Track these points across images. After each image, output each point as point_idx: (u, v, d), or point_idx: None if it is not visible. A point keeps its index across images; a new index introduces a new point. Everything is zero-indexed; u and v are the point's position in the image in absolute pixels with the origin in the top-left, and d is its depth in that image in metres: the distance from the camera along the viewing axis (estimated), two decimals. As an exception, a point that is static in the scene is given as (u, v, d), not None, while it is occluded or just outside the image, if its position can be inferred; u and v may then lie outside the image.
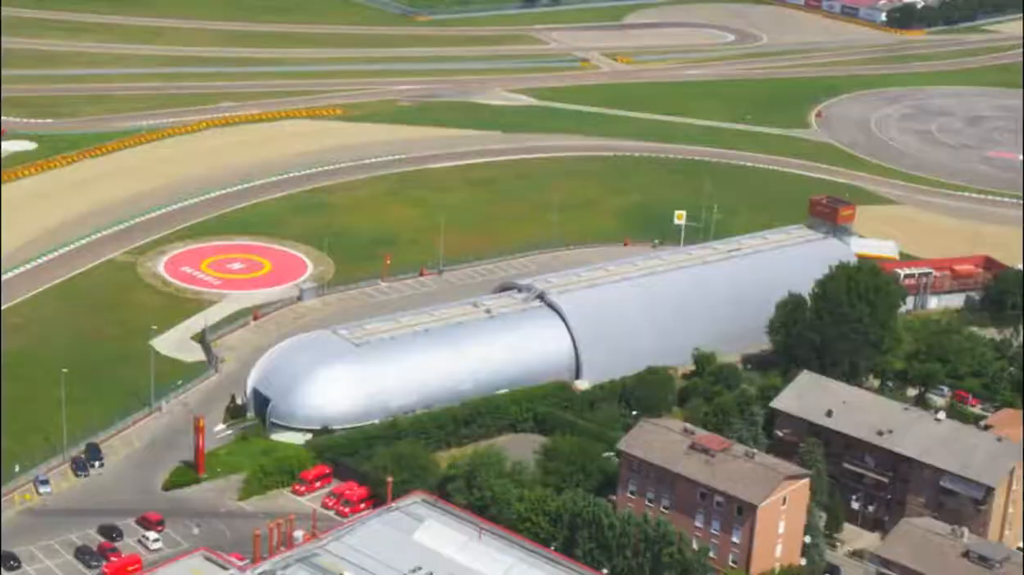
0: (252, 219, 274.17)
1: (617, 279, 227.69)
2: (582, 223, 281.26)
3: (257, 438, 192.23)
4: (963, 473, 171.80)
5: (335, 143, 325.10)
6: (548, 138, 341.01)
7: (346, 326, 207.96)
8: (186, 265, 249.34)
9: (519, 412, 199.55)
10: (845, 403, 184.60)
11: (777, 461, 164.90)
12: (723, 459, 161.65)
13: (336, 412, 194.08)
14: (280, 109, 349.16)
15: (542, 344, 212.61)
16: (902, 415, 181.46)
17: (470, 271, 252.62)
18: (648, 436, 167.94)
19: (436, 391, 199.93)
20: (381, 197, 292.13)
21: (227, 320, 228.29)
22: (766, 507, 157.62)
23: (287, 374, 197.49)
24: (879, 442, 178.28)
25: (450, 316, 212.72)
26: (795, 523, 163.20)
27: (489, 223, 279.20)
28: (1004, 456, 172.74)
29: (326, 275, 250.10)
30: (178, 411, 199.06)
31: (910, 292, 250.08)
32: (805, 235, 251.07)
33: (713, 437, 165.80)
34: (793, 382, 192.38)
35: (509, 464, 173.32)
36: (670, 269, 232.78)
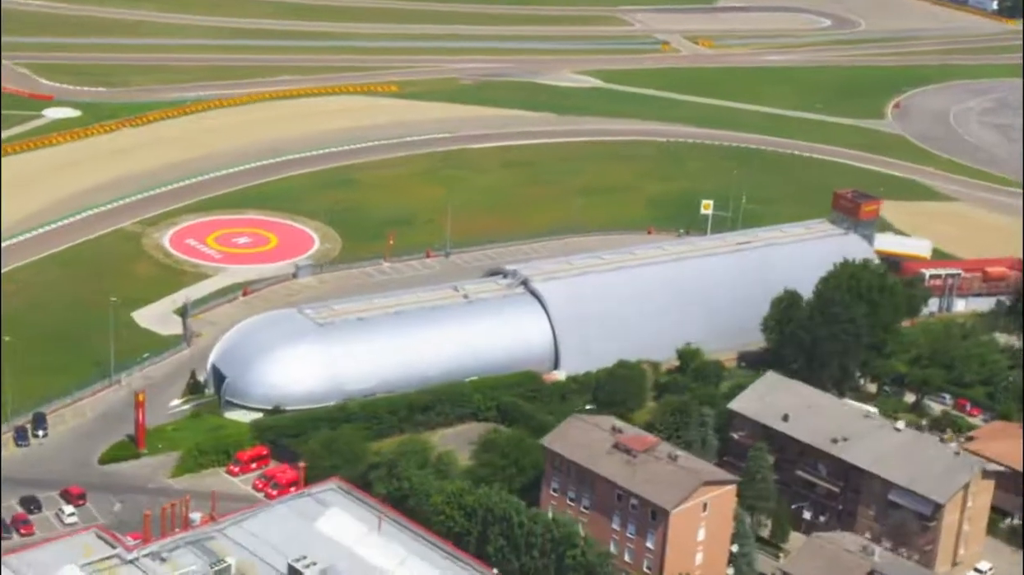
0: (274, 193, 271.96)
1: (609, 268, 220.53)
2: (613, 209, 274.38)
3: (211, 415, 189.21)
4: (912, 487, 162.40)
5: (382, 120, 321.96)
6: (604, 121, 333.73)
7: (313, 305, 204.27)
8: (192, 237, 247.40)
9: (481, 401, 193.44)
10: (808, 407, 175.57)
11: (703, 465, 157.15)
12: (644, 460, 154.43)
13: (290, 392, 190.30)
14: (336, 84, 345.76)
15: (520, 332, 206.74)
16: (861, 423, 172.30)
17: (478, 254, 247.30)
18: (574, 433, 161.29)
19: (399, 376, 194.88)
20: (412, 176, 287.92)
21: (217, 295, 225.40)
22: (681, 512, 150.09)
23: (245, 352, 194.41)
24: (832, 450, 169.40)
25: (425, 299, 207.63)
26: (719, 530, 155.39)
27: (516, 206, 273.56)
28: (958, 471, 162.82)
29: (331, 253, 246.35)
30: (138, 384, 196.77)
31: (934, 293, 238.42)
32: (825, 230, 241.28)
33: (639, 437, 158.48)
34: (756, 383, 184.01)
35: (435, 454, 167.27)
36: (668, 260, 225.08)
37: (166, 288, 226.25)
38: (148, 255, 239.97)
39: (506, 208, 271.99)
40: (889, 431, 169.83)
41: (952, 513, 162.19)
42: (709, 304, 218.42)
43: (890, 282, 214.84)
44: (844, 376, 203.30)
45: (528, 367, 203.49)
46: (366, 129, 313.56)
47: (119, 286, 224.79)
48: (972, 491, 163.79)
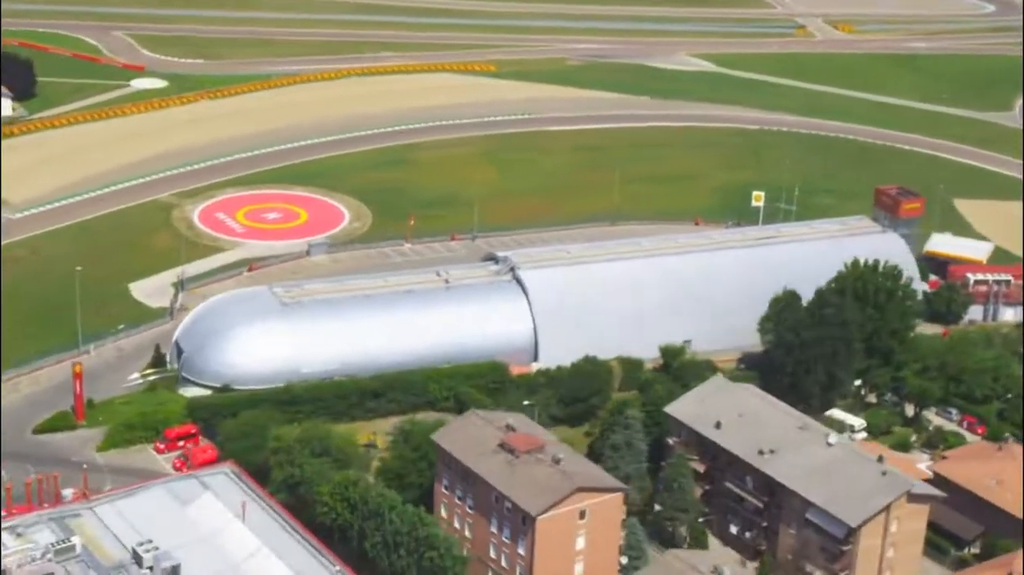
0: (325, 170, 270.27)
1: (606, 259, 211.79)
2: (671, 198, 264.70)
3: (165, 391, 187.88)
4: (827, 507, 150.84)
5: (466, 99, 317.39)
6: (699, 107, 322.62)
7: (285, 284, 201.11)
8: (223, 211, 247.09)
9: (437, 391, 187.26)
10: (741, 415, 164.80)
11: (590, 470, 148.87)
12: (526, 462, 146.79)
13: (244, 372, 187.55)
14: (434, 62, 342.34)
15: (499, 321, 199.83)
16: (794, 435, 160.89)
17: (506, 239, 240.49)
18: (465, 429, 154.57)
19: (362, 360, 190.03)
20: (472, 157, 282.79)
21: (223, 270, 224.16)
22: (551, 519, 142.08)
23: (205, 328, 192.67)
24: (757, 463, 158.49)
25: (402, 283, 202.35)
26: (603, 540, 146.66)
27: (568, 191, 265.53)
28: (878, 493, 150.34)
29: (359, 231, 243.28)
30: (108, 355, 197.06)
31: (977, 300, 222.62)
32: (861, 227, 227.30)
33: (525, 436, 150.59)
34: (702, 386, 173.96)
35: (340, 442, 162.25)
36: (672, 253, 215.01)
37: (176, 261, 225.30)
38: (172, 227, 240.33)
39: (557, 192, 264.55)
40: (820, 445, 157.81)
41: (871, 537, 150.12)
42: (712, 301, 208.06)
43: (901, 286, 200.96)
44: (832, 383, 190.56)
45: (507, 358, 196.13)
46: (447, 108, 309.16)
47: (131, 257, 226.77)
48: (897, 515, 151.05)
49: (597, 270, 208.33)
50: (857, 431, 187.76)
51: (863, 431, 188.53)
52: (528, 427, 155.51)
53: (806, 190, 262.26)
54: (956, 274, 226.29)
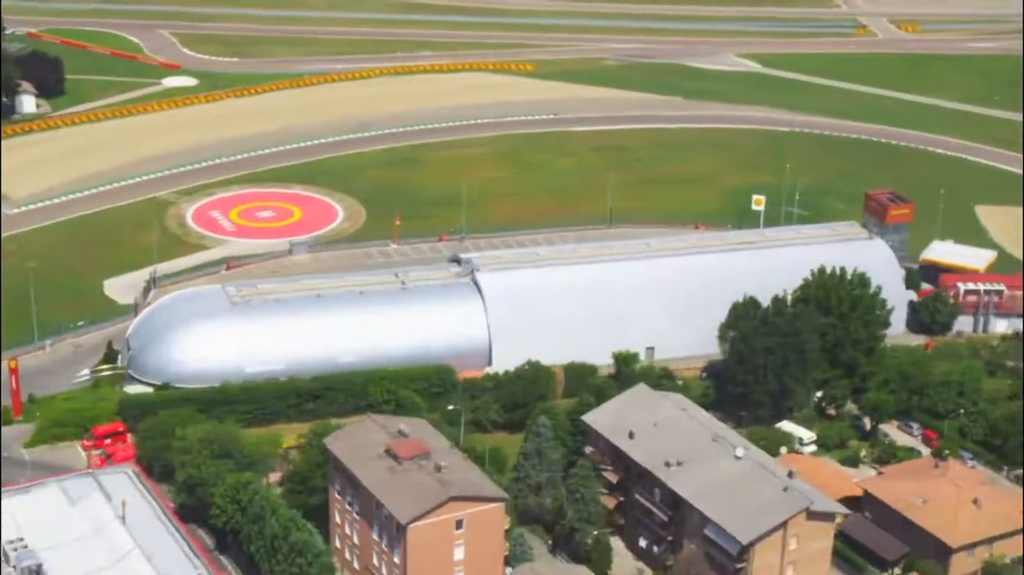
0: (332, 169, 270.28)
1: (573, 262, 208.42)
2: (680, 200, 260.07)
3: (109, 387, 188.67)
4: (722, 522, 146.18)
5: (497, 98, 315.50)
6: (732, 108, 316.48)
7: (238, 283, 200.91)
8: (218, 209, 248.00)
9: (379, 393, 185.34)
10: (656, 425, 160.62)
11: (474, 478, 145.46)
12: (408, 468, 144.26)
13: (186, 370, 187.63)
14: (472, 61, 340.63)
15: (454, 324, 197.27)
16: (704, 447, 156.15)
17: (495, 240, 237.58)
18: (357, 434, 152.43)
19: (309, 361, 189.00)
20: (488, 157, 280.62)
21: (203, 267, 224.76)
22: (424, 527, 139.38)
23: (153, 326, 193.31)
24: (662, 475, 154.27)
25: (358, 284, 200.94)
26: (485, 551, 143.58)
27: (579, 191, 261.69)
28: (775, 510, 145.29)
29: (349, 230, 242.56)
30: (64, 351, 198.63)
31: (966, 310, 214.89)
32: (847, 233, 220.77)
33: (411, 443, 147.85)
34: (624, 394, 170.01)
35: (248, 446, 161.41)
36: (643, 257, 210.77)
37: (158, 258, 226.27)
38: (163, 225, 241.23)
39: (566, 193, 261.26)
40: (728, 458, 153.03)
41: (767, 555, 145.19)
42: (680, 306, 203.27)
43: (867, 295, 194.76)
44: (784, 394, 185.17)
45: (461, 361, 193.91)
46: (473, 107, 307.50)
47: (114, 254, 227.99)
48: (795, 533, 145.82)
49: (562, 274, 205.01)
50: (806, 444, 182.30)
51: (812, 444, 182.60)
52: (423, 433, 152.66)
53: (821, 193, 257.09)
54: (947, 283, 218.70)
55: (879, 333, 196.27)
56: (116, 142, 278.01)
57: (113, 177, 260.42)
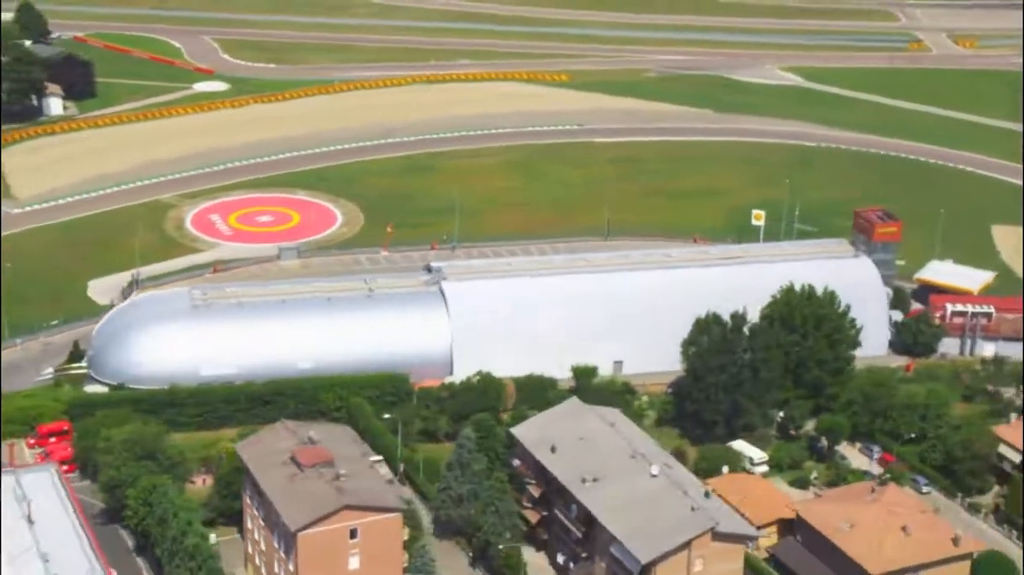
0: (342, 175, 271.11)
1: (545, 273, 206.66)
2: (685, 214, 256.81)
3: (70, 386, 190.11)
4: (625, 541, 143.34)
5: (523, 108, 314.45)
6: (763, 121, 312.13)
7: (204, 287, 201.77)
8: (217, 213, 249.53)
9: (330, 399, 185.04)
10: (581, 439, 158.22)
11: (373, 488, 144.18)
12: (308, 476, 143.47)
13: (142, 371, 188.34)
14: (509, 70, 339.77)
15: (417, 332, 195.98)
16: (622, 463, 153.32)
17: (485, 250, 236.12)
18: (268, 439, 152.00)
19: (266, 365, 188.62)
20: (500, 166, 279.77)
21: (190, 270, 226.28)
22: (313, 536, 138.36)
23: (115, 327, 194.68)
24: (576, 490, 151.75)
25: (326, 290, 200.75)
26: (382, 562, 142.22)
27: (585, 202, 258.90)
28: (680, 530, 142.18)
29: (345, 235, 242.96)
30: (33, 350, 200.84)
31: (950, 332, 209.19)
32: (833, 251, 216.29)
33: (315, 450, 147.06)
34: (556, 408, 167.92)
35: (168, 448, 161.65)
36: (617, 269, 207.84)
37: (147, 260, 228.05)
38: (159, 228, 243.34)
39: (571, 204, 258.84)
40: (644, 476, 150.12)
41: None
42: (651, 321, 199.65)
43: (835, 314, 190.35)
44: (737, 412, 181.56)
45: (423, 369, 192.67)
46: (499, 117, 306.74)
47: (105, 255, 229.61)
48: (701, 554, 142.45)
49: (530, 285, 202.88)
50: (757, 463, 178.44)
51: (763, 464, 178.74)
52: (339, 441, 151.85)
53: (834, 210, 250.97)
54: (936, 304, 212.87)
55: (848, 353, 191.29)
56: (133, 145, 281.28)
57: (122, 179, 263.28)
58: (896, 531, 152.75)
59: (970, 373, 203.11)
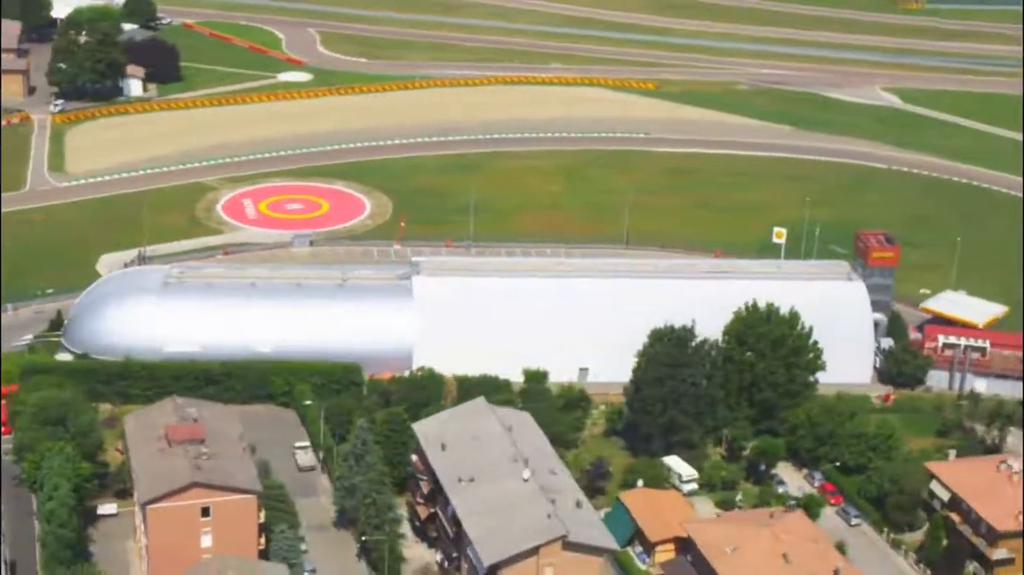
0: (387, 168, 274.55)
1: (518, 275, 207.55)
2: (721, 228, 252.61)
3: (43, 353, 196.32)
4: (476, 543, 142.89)
5: (596, 114, 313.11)
6: (840, 141, 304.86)
7: (184, 266, 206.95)
8: (250, 198, 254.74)
9: (279, 384, 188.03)
10: (473, 439, 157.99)
11: (235, 469, 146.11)
12: (174, 453, 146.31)
13: (107, 343, 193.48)
14: (596, 76, 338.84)
15: (379, 323, 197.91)
16: (502, 465, 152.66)
17: (500, 250, 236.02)
18: (153, 414, 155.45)
19: (224, 345, 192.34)
20: (550, 169, 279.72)
21: (202, 251, 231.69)
22: (166, 511, 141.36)
23: (90, 299, 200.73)
24: (450, 490, 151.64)
25: (298, 276, 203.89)
26: (236, 542, 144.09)
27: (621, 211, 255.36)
28: (528, 536, 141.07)
29: (368, 225, 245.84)
30: (24, 316, 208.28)
31: (937, 364, 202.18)
32: (830, 272, 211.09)
33: (188, 426, 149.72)
34: (462, 405, 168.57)
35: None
36: (602, 276, 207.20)
37: (168, 238, 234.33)
38: (189, 209, 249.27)
39: (607, 211, 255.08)
40: (516, 479, 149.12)
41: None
42: (619, 330, 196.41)
43: (795, 336, 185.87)
44: (672, 427, 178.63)
45: (384, 361, 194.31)
46: (567, 120, 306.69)
47: (127, 232, 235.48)
48: (550, 562, 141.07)
49: (502, 285, 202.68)
50: (685, 481, 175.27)
51: (693, 482, 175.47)
52: (225, 422, 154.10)
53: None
54: (930, 334, 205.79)
55: (807, 377, 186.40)
56: (197, 129, 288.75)
57: (174, 161, 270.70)
58: (777, 558, 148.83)
59: (953, 407, 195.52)
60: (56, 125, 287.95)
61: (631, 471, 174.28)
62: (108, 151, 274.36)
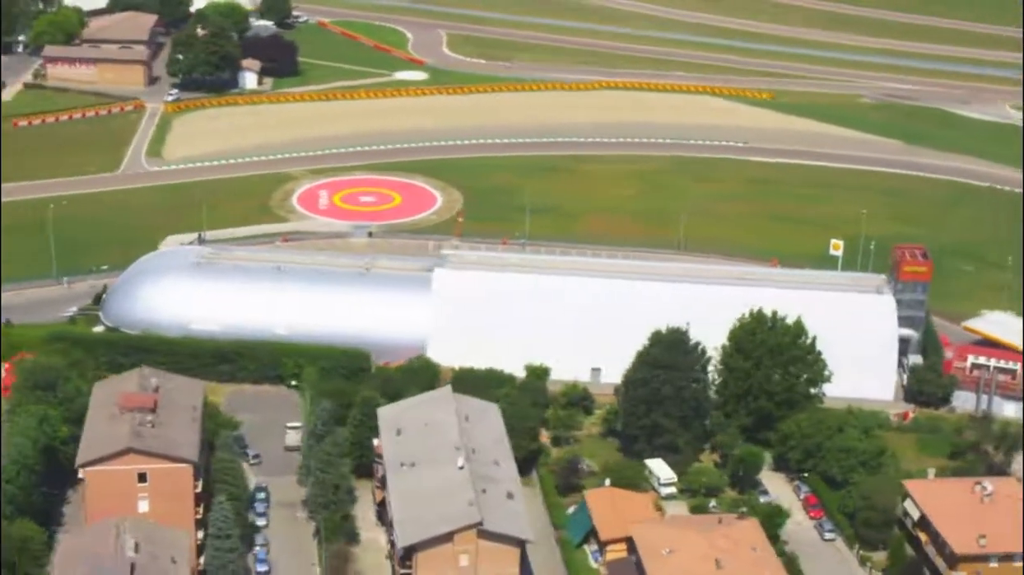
0: (469, 167, 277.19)
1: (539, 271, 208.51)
2: (788, 239, 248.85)
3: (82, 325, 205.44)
4: (397, 525, 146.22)
5: (700, 122, 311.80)
6: (946, 157, 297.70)
7: (219, 247, 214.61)
8: (327, 190, 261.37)
9: (289, 366, 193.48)
10: (426, 425, 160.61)
11: (177, 437, 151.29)
12: (122, 419, 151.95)
13: (136, 318, 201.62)
14: (713, 85, 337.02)
15: (395, 313, 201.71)
16: (444, 453, 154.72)
17: (555, 249, 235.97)
18: (122, 382, 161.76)
19: (244, 326, 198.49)
20: (630, 174, 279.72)
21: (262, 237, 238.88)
22: (102, 473, 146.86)
23: (128, 276, 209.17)
24: (391, 474, 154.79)
25: (324, 263, 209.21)
26: (172, 510, 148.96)
27: (690, 217, 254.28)
28: (442, 522, 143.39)
29: (434, 220, 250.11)
30: (79, 289, 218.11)
31: (966, 386, 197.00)
32: (861, 284, 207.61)
33: (140, 396, 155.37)
34: (429, 392, 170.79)
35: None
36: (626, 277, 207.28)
37: (231, 224, 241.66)
38: (265, 198, 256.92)
39: (672, 217, 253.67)
40: (452, 467, 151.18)
41: (434, 566, 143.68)
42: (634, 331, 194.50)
43: (796, 346, 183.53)
44: (655, 431, 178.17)
45: (396, 350, 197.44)
46: (664, 126, 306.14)
47: (197, 216, 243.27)
48: (465, 549, 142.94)
49: (521, 281, 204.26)
50: (663, 484, 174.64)
51: (671, 486, 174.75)
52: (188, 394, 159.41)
53: (961, 253, 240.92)
54: (960, 354, 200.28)
55: (807, 387, 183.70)
56: (297, 121, 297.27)
57: (266, 151, 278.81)
58: (709, 562, 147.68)
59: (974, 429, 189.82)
60: (166, 114, 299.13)
61: (609, 471, 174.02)
62: (206, 139, 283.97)
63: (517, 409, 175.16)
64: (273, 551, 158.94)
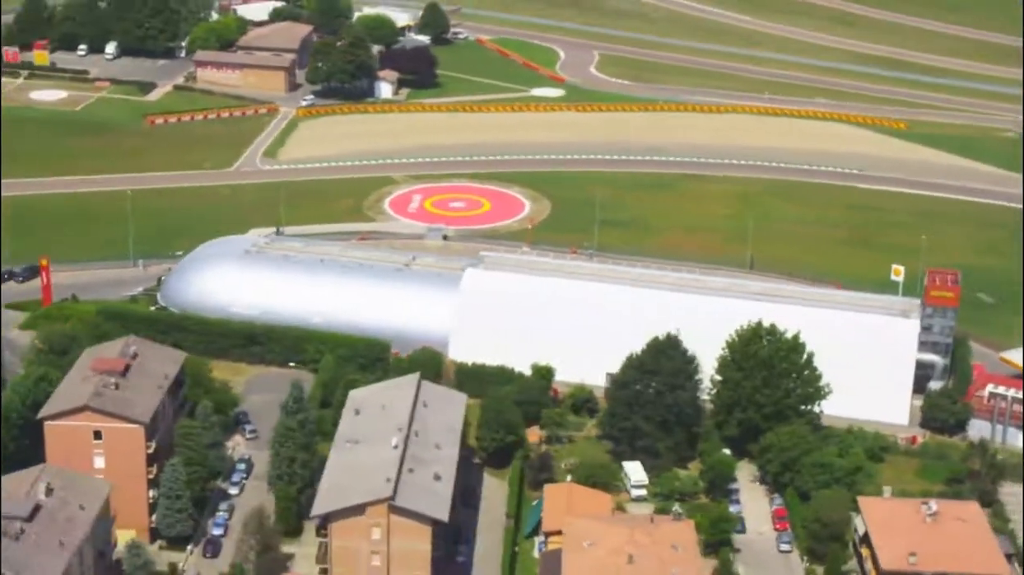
0: (571, 179, 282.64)
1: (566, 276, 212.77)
2: (861, 263, 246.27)
3: (143, 303, 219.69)
4: (319, 495, 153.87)
5: (818, 147, 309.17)
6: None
7: (272, 237, 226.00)
8: (420, 195, 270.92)
9: (312, 351, 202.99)
10: (383, 408, 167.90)
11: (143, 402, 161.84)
12: (100, 380, 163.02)
13: (185, 300, 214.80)
14: (849, 113, 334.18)
15: (423, 308, 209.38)
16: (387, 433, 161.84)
17: (621, 261, 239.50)
18: (108, 349, 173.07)
19: (282, 312, 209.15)
20: (725, 195, 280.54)
21: (342, 235, 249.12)
22: (61, 428, 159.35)
23: (186, 261, 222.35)
24: (334, 450, 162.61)
25: (366, 257, 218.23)
26: (125, 467, 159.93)
27: (766, 238, 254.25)
28: (356, 494, 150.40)
29: (509, 229, 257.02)
30: (152, 272, 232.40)
31: (980, 414, 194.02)
32: (888, 307, 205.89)
33: (112, 360, 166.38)
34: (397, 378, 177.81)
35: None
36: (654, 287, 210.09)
37: (314, 222, 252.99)
38: (359, 200, 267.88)
39: (756, 238, 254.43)
40: (387, 446, 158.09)
41: (347, 537, 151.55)
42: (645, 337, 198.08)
43: (790, 360, 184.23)
44: (635, 434, 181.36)
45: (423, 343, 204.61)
46: (779, 151, 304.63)
47: (292, 213, 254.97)
48: (378, 522, 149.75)
49: (548, 285, 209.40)
50: (635, 486, 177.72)
51: (643, 488, 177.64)
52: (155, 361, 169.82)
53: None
54: (980, 383, 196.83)
55: (797, 403, 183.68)
56: (421, 130, 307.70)
57: (377, 156, 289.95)
58: (622, 556, 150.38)
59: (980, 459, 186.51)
60: (296, 118, 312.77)
61: (583, 469, 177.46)
62: (325, 143, 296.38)
63: (495, 402, 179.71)
64: (236, 517, 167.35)
